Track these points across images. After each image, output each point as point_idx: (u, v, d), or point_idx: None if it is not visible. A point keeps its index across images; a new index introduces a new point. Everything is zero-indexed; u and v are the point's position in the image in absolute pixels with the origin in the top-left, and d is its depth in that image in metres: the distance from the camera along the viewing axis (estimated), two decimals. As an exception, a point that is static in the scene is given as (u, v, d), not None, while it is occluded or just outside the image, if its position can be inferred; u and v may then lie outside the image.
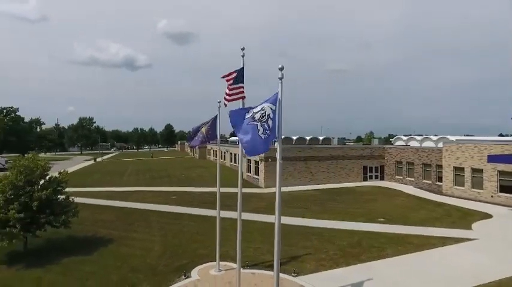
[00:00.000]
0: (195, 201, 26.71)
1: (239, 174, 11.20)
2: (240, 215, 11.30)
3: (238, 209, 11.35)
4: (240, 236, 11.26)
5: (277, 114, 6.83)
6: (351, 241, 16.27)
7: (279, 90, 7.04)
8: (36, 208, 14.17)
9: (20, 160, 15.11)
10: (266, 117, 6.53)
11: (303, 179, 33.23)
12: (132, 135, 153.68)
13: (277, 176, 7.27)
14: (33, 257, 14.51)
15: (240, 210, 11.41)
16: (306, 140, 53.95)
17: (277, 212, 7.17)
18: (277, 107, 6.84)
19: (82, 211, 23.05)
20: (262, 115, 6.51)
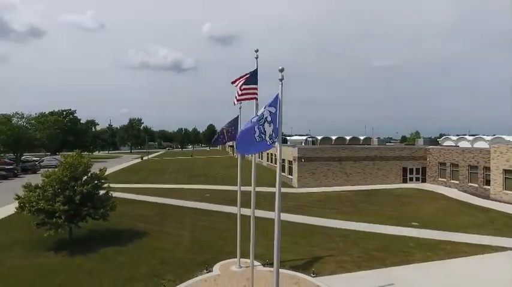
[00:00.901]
0: (227, 199, 27.42)
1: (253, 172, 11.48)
2: (254, 213, 11.64)
3: (251, 207, 11.68)
4: (254, 233, 11.54)
5: (278, 115, 7.01)
6: (378, 244, 15.80)
7: (279, 92, 7.22)
8: (78, 201, 15.66)
9: (66, 157, 16.80)
10: (263, 120, 6.74)
11: (337, 180, 32.58)
12: (176, 135, 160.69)
13: (277, 175, 7.45)
14: (76, 245, 16.05)
15: (254, 208, 11.72)
16: (346, 140, 52.72)
17: (276, 209, 7.35)
18: (278, 109, 7.03)
19: (124, 206, 25.01)
20: (259, 118, 6.74)
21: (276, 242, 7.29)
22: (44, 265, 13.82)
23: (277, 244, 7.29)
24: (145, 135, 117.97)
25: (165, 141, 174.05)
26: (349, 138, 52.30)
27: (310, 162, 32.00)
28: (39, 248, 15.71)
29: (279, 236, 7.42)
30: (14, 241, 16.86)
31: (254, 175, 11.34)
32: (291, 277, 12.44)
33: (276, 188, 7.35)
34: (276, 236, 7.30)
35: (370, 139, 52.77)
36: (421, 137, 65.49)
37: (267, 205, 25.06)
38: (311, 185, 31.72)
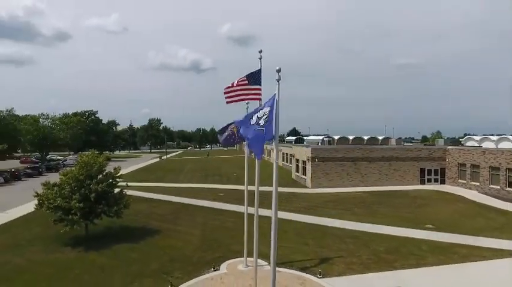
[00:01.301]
0: (240, 199, 27.49)
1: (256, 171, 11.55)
2: (257, 213, 11.72)
3: (255, 206, 11.76)
4: (258, 233, 11.60)
5: (275, 115, 7.07)
6: (389, 246, 15.51)
7: (277, 92, 7.27)
8: (93, 199, 16.23)
9: (82, 157, 17.45)
10: (264, 120, 6.82)
11: (352, 181, 32.12)
12: (195, 135, 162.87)
13: (274, 175, 7.50)
14: (92, 241, 16.62)
15: (257, 206, 11.78)
16: (364, 140, 51.93)
17: (273, 208, 7.40)
18: (275, 109, 7.08)
19: (140, 204, 25.67)
20: (265, 120, 6.83)
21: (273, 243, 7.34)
22: (60, 260, 14.42)
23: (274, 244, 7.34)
24: (164, 135, 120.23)
25: (184, 141, 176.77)
26: (367, 139, 51.36)
27: (324, 162, 31.70)
28: (58, 243, 16.39)
29: (276, 235, 7.45)
30: (35, 236, 17.67)
31: (258, 175, 11.41)
32: (297, 277, 12.44)
33: (273, 189, 7.40)
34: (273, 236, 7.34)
35: (389, 139, 51.69)
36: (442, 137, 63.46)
37: (279, 204, 25.04)
38: (325, 185, 31.42)
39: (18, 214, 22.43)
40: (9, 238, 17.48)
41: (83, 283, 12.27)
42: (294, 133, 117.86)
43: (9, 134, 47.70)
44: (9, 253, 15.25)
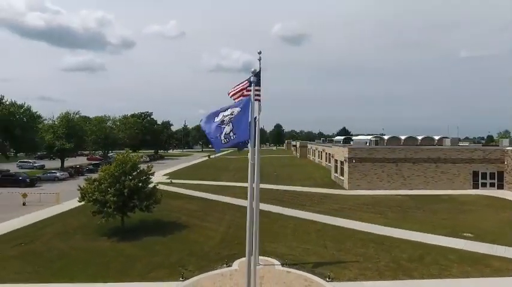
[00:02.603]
0: (272, 198, 27.77)
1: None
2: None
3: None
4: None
5: (250, 117, 7.24)
6: (413, 254, 14.57)
7: (251, 95, 7.43)
8: (126, 194, 17.76)
9: (118, 155, 19.14)
10: (228, 119, 7.02)
11: (393, 183, 30.38)
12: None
13: (249, 176, 7.65)
14: (126, 233, 18.18)
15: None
16: (418, 140, 48.90)
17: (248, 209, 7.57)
18: (249, 110, 7.25)
19: (176, 200, 27.27)
20: (230, 119, 7.05)
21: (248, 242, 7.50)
22: (96, 248, 16.06)
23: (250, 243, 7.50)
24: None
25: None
26: (422, 138, 48.06)
27: (362, 163, 30.44)
28: (97, 233, 18.23)
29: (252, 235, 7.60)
30: (80, 225, 19.83)
31: (258, 173, 11.58)
32: (305, 279, 12.34)
33: (248, 193, 7.56)
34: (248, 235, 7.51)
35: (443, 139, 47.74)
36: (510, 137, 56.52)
37: (309, 205, 24.79)
38: (363, 187, 30.18)
39: (72, 205, 25.25)
40: (60, 227, 19.86)
41: (109, 268, 13.57)
42: (344, 133, 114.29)
43: (76, 134, 53.53)
44: (57, 239, 17.38)
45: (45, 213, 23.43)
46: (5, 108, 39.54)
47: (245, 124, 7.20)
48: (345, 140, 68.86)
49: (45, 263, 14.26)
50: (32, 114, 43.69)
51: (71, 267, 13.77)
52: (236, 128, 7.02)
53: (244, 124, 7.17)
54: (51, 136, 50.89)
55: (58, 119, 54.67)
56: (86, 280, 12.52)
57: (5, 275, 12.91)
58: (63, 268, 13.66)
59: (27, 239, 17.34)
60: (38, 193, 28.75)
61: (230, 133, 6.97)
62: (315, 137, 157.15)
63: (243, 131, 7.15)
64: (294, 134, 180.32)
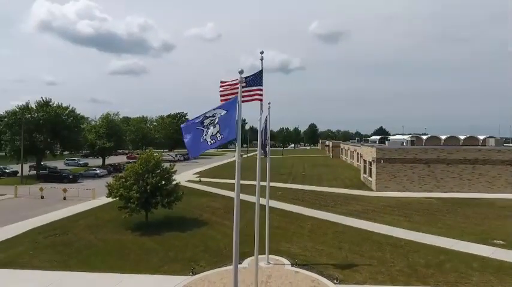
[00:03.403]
0: (295, 198, 27.64)
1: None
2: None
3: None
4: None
5: (236, 117, 7.36)
6: (432, 259, 13.83)
7: (239, 94, 7.54)
8: (149, 191, 18.68)
9: (142, 154, 20.15)
10: (211, 123, 7.16)
11: (424, 185, 28.84)
12: (278, 134, 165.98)
13: (236, 175, 7.78)
14: (149, 228, 19.10)
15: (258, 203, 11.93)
16: (460, 140, 46.16)
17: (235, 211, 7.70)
18: (236, 111, 7.37)
19: (201, 198, 28.07)
20: (211, 121, 7.18)
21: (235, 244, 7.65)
22: (119, 240, 17.06)
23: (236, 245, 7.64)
24: (247, 135, 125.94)
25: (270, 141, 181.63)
26: (464, 138, 45.19)
27: (391, 164, 29.22)
28: (123, 227, 19.33)
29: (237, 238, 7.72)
30: (109, 219, 21.12)
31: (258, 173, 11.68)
32: (312, 279, 12.24)
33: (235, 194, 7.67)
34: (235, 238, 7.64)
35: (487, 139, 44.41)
36: None
37: (332, 206, 24.32)
38: (392, 189, 28.99)
39: (105, 200, 26.84)
40: (92, 220, 21.31)
41: (127, 260, 14.37)
42: (381, 132, 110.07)
43: (116, 133, 56.94)
44: (87, 231, 18.70)
45: (81, 207, 25.24)
46: (52, 110, 43.04)
47: (232, 124, 7.34)
48: (380, 139, 66.46)
49: (73, 253, 15.43)
50: (76, 116, 47.10)
51: (94, 257, 14.78)
52: (223, 129, 7.16)
53: (232, 124, 7.31)
54: (93, 136, 54.58)
55: (99, 119, 58.48)
56: (105, 269, 13.36)
57: (36, 263, 14.17)
58: (87, 258, 14.70)
59: (61, 231, 18.83)
60: (77, 189, 31.01)
61: (217, 134, 7.13)
62: (352, 136, 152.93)
63: (230, 131, 7.28)
64: (329, 134, 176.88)
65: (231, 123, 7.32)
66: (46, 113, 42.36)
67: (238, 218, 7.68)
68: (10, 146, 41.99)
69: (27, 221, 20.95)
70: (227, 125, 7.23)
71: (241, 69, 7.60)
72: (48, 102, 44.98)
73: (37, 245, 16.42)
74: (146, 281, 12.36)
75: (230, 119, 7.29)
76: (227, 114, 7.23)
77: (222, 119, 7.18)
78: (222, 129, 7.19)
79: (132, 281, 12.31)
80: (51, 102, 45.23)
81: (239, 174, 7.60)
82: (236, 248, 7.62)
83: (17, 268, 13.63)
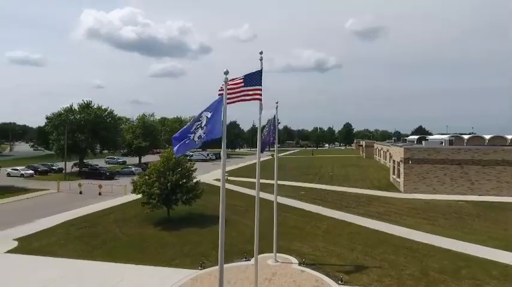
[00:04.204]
0: (318, 199, 27.35)
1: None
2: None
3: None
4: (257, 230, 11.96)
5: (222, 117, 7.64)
6: (449, 265, 13.18)
7: (224, 95, 7.81)
8: (170, 188, 19.57)
9: (164, 152, 21.13)
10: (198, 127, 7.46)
11: (456, 188, 27.16)
12: (313, 134, 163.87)
13: (221, 172, 8.05)
14: (170, 223, 20.00)
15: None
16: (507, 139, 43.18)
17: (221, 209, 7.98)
18: (221, 111, 7.65)
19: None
20: (196, 127, 7.47)
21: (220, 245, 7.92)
22: (141, 234, 18.08)
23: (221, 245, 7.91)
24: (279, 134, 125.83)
25: (304, 141, 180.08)
26: (489, 138, 42.07)
27: (420, 165, 27.87)
28: (147, 222, 20.42)
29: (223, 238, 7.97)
30: (135, 214, 22.37)
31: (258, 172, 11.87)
32: (316, 279, 12.23)
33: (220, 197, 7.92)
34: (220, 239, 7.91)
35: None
36: None
37: (353, 207, 23.79)
38: (421, 190, 27.66)
39: (135, 197, 28.43)
40: (120, 215, 22.70)
41: (145, 253, 15.22)
42: (420, 132, 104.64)
43: (151, 133, 59.74)
44: (114, 225, 20.00)
45: (113, 202, 26.93)
46: (92, 112, 46.22)
47: (217, 123, 7.64)
48: (418, 139, 63.49)
49: (98, 244, 16.64)
50: (114, 117, 50.13)
51: (116, 249, 15.85)
52: (206, 129, 7.48)
53: (217, 123, 7.61)
54: (130, 136, 57.68)
55: (136, 120, 61.66)
56: (124, 260, 14.26)
57: (64, 252, 15.47)
58: (110, 249, 15.79)
59: (91, 223, 20.31)
60: (112, 185, 33.09)
61: (202, 134, 7.47)
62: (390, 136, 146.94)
63: (215, 130, 7.58)
64: (366, 134, 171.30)
65: (216, 123, 7.63)
66: (87, 114, 45.58)
67: (224, 219, 7.97)
68: (56, 145, 45.73)
69: (64, 214, 22.82)
70: (213, 125, 7.55)
71: (227, 69, 7.88)
72: (89, 104, 48.32)
73: (68, 236, 17.89)
74: (157, 272, 13.05)
75: (216, 118, 7.60)
76: (213, 114, 7.55)
77: (208, 121, 7.50)
78: (206, 129, 7.50)
79: (143, 272, 13.07)
80: (91, 104, 48.53)
81: (224, 171, 7.88)
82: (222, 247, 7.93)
83: (47, 255, 15.01)
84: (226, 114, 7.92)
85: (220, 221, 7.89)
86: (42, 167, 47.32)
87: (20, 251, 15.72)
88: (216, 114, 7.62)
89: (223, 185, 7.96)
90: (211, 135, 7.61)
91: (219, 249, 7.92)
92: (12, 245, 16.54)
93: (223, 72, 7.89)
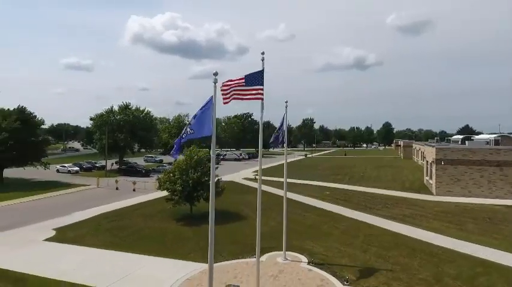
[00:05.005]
0: (342, 199, 26.88)
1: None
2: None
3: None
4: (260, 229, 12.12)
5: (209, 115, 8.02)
6: (466, 271, 12.49)
7: (213, 94, 8.16)
8: (191, 185, 20.44)
9: (187, 151, 22.06)
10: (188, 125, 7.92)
11: (496, 191, 25.24)
12: (350, 134, 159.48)
13: (211, 172, 8.39)
14: (191, 219, 20.85)
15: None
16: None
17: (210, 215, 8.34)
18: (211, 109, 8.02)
19: (249, 195, 29.20)
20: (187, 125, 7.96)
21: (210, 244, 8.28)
22: (164, 228, 19.08)
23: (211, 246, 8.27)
24: (315, 134, 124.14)
25: (341, 141, 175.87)
26: None
27: (454, 166, 26.26)
28: (171, 217, 21.48)
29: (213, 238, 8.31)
30: (161, 210, 23.54)
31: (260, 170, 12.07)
32: (321, 278, 12.22)
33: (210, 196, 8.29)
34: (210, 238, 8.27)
35: None
36: None
37: (378, 209, 23.11)
38: (455, 193, 26.08)
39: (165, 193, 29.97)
40: (148, 210, 24.03)
41: (164, 246, 16.05)
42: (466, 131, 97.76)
43: (186, 133, 62.21)
44: (140, 219, 21.29)
45: (144, 198, 28.53)
46: (130, 113, 49.13)
47: (207, 122, 8.01)
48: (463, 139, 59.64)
49: (124, 236, 17.85)
50: (150, 117, 52.85)
51: (139, 241, 16.92)
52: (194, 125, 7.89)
53: (206, 122, 7.99)
54: (166, 135, 60.48)
55: (172, 120, 64.45)
56: (143, 251, 15.18)
57: (94, 242, 16.81)
58: (133, 241, 16.89)
59: (121, 217, 21.78)
60: (145, 182, 35.01)
61: (188, 130, 7.91)
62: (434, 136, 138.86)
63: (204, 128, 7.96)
64: (407, 133, 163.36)
65: (205, 121, 8.02)
66: (126, 115, 48.53)
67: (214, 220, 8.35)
68: (99, 144, 49.23)
69: (99, 208, 24.64)
70: (200, 122, 7.96)
71: (216, 71, 8.25)
72: (127, 105, 51.41)
73: (99, 228, 19.37)
74: (171, 264, 13.76)
75: (205, 117, 8.01)
76: (202, 113, 7.97)
77: (197, 118, 7.94)
78: (193, 125, 7.93)
79: (158, 264, 13.88)
80: (130, 106, 51.59)
81: (214, 168, 8.26)
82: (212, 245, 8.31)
83: (78, 244, 16.42)
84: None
85: (210, 222, 8.27)
86: (86, 164, 51.19)
87: (56, 239, 17.35)
88: (206, 113, 8.02)
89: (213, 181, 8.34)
90: (201, 133, 8.03)
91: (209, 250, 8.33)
92: (50, 234, 18.30)
93: (213, 74, 8.27)
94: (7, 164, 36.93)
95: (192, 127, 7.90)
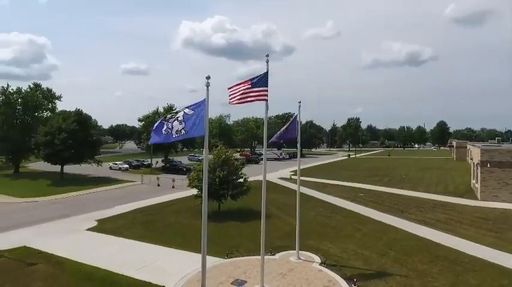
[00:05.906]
0: (373, 201, 25.97)
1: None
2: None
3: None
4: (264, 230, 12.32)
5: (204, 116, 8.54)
6: (489, 282, 11.61)
7: (206, 96, 8.65)
8: (218, 183, 21.31)
9: (214, 150, 23.00)
10: (174, 119, 8.50)
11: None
12: (399, 134, 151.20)
13: (204, 169, 8.88)
14: (218, 216, 21.68)
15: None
16: None
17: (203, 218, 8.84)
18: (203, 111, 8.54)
19: (278, 194, 29.47)
20: (172, 116, 8.57)
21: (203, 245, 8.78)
22: (190, 224, 20.16)
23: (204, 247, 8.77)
24: (361, 134, 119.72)
25: (390, 141, 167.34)
26: None
27: (502, 168, 23.96)
28: (199, 213, 22.35)
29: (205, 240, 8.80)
30: (191, 206, 24.46)
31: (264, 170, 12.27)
32: (329, 279, 12.19)
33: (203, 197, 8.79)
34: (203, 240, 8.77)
35: None
36: None
37: (410, 213, 22.02)
38: (502, 199, 23.79)
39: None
40: (179, 206, 25.41)
41: (187, 240, 16.97)
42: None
43: (226, 133, 64.12)
44: (172, 215, 22.67)
45: (179, 195, 30.17)
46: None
47: (200, 123, 8.53)
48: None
49: (155, 229, 19.23)
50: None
51: (167, 234, 18.13)
52: (187, 126, 8.45)
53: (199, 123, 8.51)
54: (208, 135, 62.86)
55: (214, 121, 66.74)
56: (168, 244, 16.29)
57: (128, 234, 18.28)
58: (162, 235, 18.13)
59: (154, 212, 23.38)
60: (183, 179, 36.90)
61: (182, 130, 8.48)
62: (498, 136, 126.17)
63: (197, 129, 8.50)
64: (466, 133, 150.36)
65: (198, 122, 8.58)
66: (169, 116, 51.50)
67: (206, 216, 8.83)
68: (146, 143, 52.81)
69: (139, 202, 26.64)
70: (193, 123, 8.53)
71: (208, 75, 8.76)
72: (171, 107, 54.46)
73: (134, 221, 21.05)
74: (189, 257, 14.63)
75: (197, 118, 8.56)
76: (194, 114, 8.54)
77: (187, 118, 8.51)
78: (187, 126, 8.52)
79: (178, 256, 14.85)
80: (174, 107, 54.57)
81: (206, 169, 8.78)
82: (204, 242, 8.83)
83: (114, 235, 18.06)
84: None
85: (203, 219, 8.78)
86: (135, 162, 55.18)
87: (96, 229, 19.27)
88: (197, 114, 8.58)
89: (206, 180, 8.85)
90: (194, 133, 8.62)
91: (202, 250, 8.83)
92: (92, 224, 20.34)
93: (205, 77, 8.79)
94: (66, 161, 41.35)
95: (184, 127, 8.50)
